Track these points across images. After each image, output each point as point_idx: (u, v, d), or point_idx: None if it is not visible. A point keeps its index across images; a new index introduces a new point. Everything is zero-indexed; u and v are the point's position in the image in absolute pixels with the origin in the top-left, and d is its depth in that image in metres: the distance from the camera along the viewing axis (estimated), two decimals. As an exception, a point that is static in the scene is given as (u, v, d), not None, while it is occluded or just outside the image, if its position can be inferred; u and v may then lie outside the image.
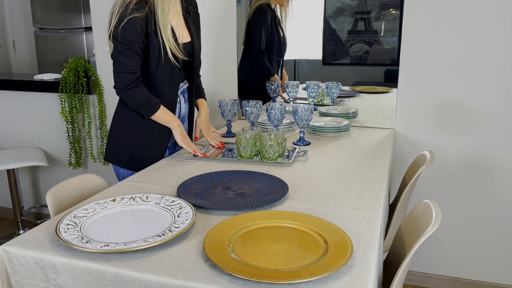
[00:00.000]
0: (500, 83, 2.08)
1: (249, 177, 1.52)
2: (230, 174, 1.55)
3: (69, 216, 1.19)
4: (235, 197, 1.36)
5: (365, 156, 1.81)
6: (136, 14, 1.57)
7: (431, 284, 2.41)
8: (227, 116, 2.07)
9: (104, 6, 2.65)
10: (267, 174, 1.54)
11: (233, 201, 1.32)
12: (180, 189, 1.41)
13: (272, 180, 1.49)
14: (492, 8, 2.01)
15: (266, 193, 1.38)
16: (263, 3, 2.51)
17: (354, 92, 2.49)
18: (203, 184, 1.47)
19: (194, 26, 1.82)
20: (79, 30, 4.20)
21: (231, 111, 2.06)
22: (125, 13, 1.57)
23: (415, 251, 1.13)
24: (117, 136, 1.77)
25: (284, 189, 1.41)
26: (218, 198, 1.35)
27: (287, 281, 0.90)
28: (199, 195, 1.37)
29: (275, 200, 1.32)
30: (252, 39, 2.55)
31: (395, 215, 1.69)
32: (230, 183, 1.48)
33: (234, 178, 1.52)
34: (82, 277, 1.01)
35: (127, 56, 1.60)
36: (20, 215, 2.80)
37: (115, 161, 1.77)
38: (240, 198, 1.35)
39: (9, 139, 3.08)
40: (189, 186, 1.44)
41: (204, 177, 1.52)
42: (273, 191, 1.40)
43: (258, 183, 1.47)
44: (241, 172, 1.56)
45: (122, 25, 1.57)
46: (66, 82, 2.70)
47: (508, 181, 2.18)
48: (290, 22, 2.54)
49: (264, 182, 1.48)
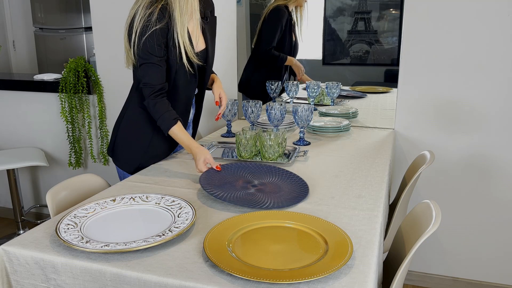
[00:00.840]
0: (500, 83, 2.08)
1: (270, 172, 1.55)
2: (251, 167, 1.59)
3: (69, 216, 1.19)
4: (256, 193, 1.39)
5: (365, 156, 1.80)
6: (158, 26, 1.53)
7: (431, 284, 2.41)
8: (227, 116, 2.07)
9: (104, 6, 2.65)
10: (288, 171, 1.56)
11: (253, 197, 1.35)
12: (203, 178, 1.44)
13: (293, 178, 1.51)
14: (492, 7, 2.01)
15: (288, 192, 1.40)
16: (281, 4, 2.49)
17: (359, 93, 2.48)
18: (225, 175, 1.51)
19: (210, 32, 1.76)
20: (79, 30, 4.19)
21: (231, 111, 2.06)
22: (147, 24, 1.53)
23: (415, 251, 1.13)
24: (129, 142, 1.74)
25: (305, 189, 1.43)
26: (239, 192, 1.38)
27: (287, 281, 0.90)
28: (220, 187, 1.40)
29: (296, 202, 1.33)
30: (264, 36, 2.53)
31: (395, 215, 1.69)
32: (252, 177, 1.52)
33: (255, 172, 1.56)
34: (82, 277, 1.01)
35: (145, 69, 1.58)
36: (20, 215, 2.80)
37: (123, 166, 1.75)
38: (260, 194, 1.38)
39: (9, 139, 3.08)
40: (212, 175, 1.48)
41: (227, 168, 1.56)
42: (294, 190, 1.42)
43: (278, 180, 1.50)
44: (263, 167, 1.59)
45: (144, 38, 1.54)
46: (66, 82, 2.70)
47: (508, 181, 2.18)
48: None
49: (284, 178, 1.51)
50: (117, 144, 1.75)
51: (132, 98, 1.74)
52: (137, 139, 1.73)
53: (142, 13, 1.54)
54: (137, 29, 1.54)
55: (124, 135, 1.74)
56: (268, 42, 2.53)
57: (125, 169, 1.74)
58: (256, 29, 2.56)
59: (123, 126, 1.75)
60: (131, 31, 1.57)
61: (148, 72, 1.58)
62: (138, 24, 1.54)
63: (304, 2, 2.49)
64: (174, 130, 1.60)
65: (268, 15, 2.52)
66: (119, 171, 1.78)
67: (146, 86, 1.59)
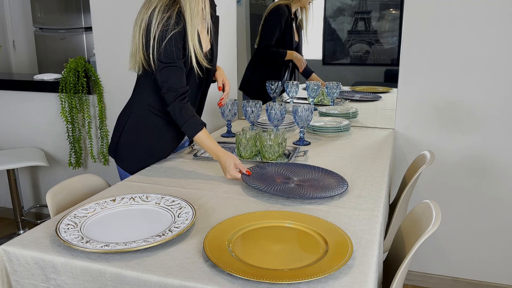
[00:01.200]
0: (501, 83, 2.08)
1: (306, 169, 1.59)
2: (283, 166, 1.63)
3: (69, 216, 1.19)
4: (297, 187, 1.43)
5: (365, 156, 1.80)
6: (176, 30, 1.52)
7: (431, 284, 2.41)
8: (227, 116, 2.07)
9: (104, 6, 2.65)
10: (322, 168, 1.60)
11: (296, 191, 1.40)
12: (245, 177, 1.49)
13: (328, 173, 1.56)
14: (492, 8, 2.01)
15: (326, 187, 1.44)
16: (281, 3, 2.49)
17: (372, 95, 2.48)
18: (264, 173, 1.55)
19: (214, 31, 1.76)
20: (79, 30, 4.19)
21: (231, 111, 2.06)
22: (166, 29, 1.51)
23: (415, 251, 1.13)
24: (134, 144, 1.72)
25: (344, 183, 1.47)
26: (281, 187, 1.43)
27: (287, 281, 0.90)
28: (263, 181, 1.46)
29: (337, 193, 1.39)
30: (263, 34, 2.53)
31: (395, 215, 1.69)
32: (290, 174, 1.56)
33: (291, 170, 1.59)
34: (82, 277, 1.01)
35: (167, 73, 1.56)
36: (20, 215, 2.80)
37: (127, 168, 1.73)
38: (302, 189, 1.42)
39: (9, 139, 3.08)
40: (253, 174, 1.53)
41: (263, 167, 1.61)
42: (332, 183, 1.47)
43: (315, 175, 1.55)
44: (297, 165, 1.63)
45: (165, 43, 1.52)
46: (66, 82, 2.70)
47: (508, 181, 2.18)
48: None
49: (320, 174, 1.56)
50: (121, 145, 1.73)
51: (138, 100, 1.72)
52: (143, 141, 1.71)
53: (160, 18, 1.52)
54: (155, 34, 1.52)
55: (129, 136, 1.72)
56: (267, 39, 2.53)
57: (128, 170, 1.73)
58: (258, 28, 2.57)
59: (128, 128, 1.72)
60: (148, 36, 1.54)
61: (170, 76, 1.56)
62: (156, 29, 1.52)
63: (308, 4, 2.49)
64: (201, 136, 1.58)
65: (268, 14, 2.52)
66: (120, 171, 1.78)
67: (169, 91, 1.56)
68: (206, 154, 1.81)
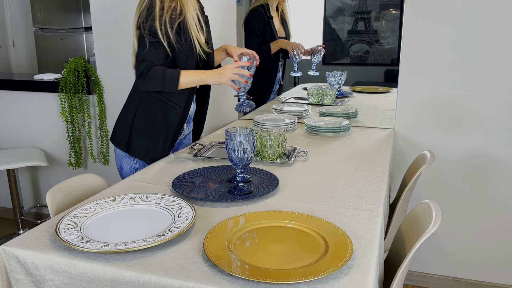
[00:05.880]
0: (500, 84, 2.08)
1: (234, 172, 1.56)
2: (221, 169, 1.59)
3: (69, 216, 1.19)
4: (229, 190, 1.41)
5: (365, 156, 1.80)
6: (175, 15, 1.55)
7: (431, 284, 2.41)
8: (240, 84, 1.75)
9: (104, 6, 2.65)
10: (257, 168, 1.57)
11: (227, 194, 1.37)
12: (175, 184, 1.44)
13: (262, 173, 1.54)
14: (492, 8, 2.01)
15: (258, 185, 1.43)
16: (257, 5, 2.51)
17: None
18: (196, 180, 1.50)
19: (207, 28, 1.78)
20: (79, 30, 4.19)
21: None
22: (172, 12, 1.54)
23: (415, 251, 1.13)
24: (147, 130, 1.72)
25: (275, 181, 1.46)
26: (212, 191, 1.40)
27: (287, 281, 0.90)
28: (194, 191, 1.40)
29: (268, 192, 1.37)
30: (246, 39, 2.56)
31: (395, 215, 1.69)
32: (223, 177, 1.52)
33: (225, 173, 1.56)
34: (81, 277, 1.01)
35: (148, 47, 1.55)
36: (20, 215, 2.80)
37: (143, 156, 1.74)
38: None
39: (9, 139, 3.08)
40: (184, 181, 1.48)
41: (194, 173, 1.55)
42: (264, 182, 1.45)
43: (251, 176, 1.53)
44: (230, 167, 1.58)
45: (162, 19, 1.53)
46: (66, 82, 2.70)
47: (508, 181, 2.18)
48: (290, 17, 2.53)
49: (254, 175, 1.53)
50: (133, 136, 1.73)
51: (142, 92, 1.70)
52: (152, 127, 1.71)
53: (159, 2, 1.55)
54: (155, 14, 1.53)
55: (140, 124, 1.72)
56: (250, 43, 2.55)
57: (145, 158, 1.74)
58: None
59: (139, 117, 1.71)
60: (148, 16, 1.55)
61: (150, 49, 1.54)
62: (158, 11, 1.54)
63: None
64: (185, 78, 1.56)
65: (245, 19, 2.56)
66: (125, 165, 1.77)
67: (143, 62, 1.54)
68: (206, 154, 1.81)
